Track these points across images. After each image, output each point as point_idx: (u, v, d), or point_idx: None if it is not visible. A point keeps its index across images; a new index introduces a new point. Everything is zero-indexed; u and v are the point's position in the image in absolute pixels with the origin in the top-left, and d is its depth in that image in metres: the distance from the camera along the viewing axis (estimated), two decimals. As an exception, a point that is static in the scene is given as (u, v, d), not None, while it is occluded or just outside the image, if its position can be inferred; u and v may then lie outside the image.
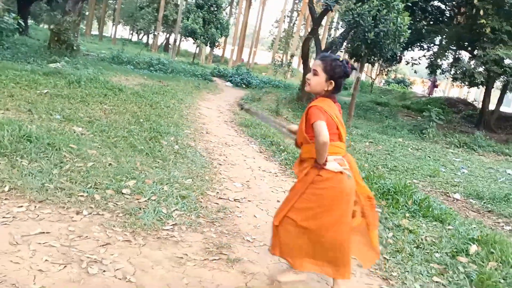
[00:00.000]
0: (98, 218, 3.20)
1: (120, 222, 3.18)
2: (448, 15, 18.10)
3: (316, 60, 2.64)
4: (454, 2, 17.41)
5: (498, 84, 18.84)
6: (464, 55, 19.10)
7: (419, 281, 3.15)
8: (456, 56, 18.78)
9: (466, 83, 17.56)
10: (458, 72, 16.77)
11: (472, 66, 15.80)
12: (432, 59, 17.98)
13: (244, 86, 18.20)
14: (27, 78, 7.95)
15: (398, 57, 18.88)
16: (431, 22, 17.85)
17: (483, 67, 14.76)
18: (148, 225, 3.20)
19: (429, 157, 9.90)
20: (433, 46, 18.81)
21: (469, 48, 17.27)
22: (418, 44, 18.43)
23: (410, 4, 11.37)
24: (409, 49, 18.74)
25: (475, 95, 38.97)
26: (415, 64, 19.16)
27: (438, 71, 18.72)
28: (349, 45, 12.30)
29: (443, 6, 18.15)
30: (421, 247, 3.73)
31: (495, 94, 20.38)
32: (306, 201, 2.59)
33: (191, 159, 5.23)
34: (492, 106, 18.84)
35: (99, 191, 3.61)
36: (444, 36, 17.23)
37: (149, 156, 4.93)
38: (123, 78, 11.29)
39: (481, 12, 13.87)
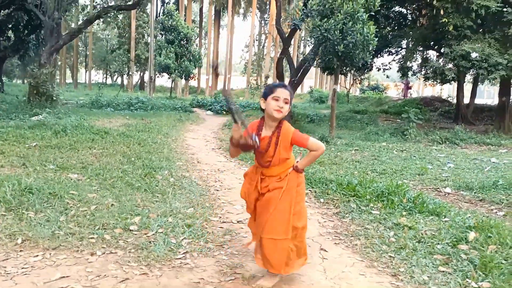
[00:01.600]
0: (112, 256, 3.30)
1: (134, 257, 3.29)
2: (410, 18, 18.79)
3: (285, 90, 2.90)
4: (414, 6, 18.12)
5: (469, 77, 19.50)
6: (432, 54, 19.80)
7: (426, 273, 3.30)
8: (425, 56, 19.44)
9: (438, 80, 18.14)
10: (429, 72, 17.34)
11: (442, 64, 16.38)
12: (402, 62, 18.55)
13: (224, 113, 18.44)
14: (14, 133, 8.05)
15: (369, 65, 19.45)
16: (396, 28, 18.51)
17: (452, 63, 15.32)
18: (161, 256, 3.31)
19: (415, 156, 10.17)
20: (401, 50, 19.45)
21: (436, 47, 17.93)
22: (386, 50, 19.04)
23: (373, 14, 11.82)
24: (379, 56, 19.34)
25: (448, 91, 39.99)
26: (386, 69, 19.72)
27: (409, 73, 19.29)
28: (321, 59, 12.68)
29: (404, 11, 18.87)
30: (423, 241, 3.90)
31: (467, 88, 21.09)
32: (297, 203, 2.99)
33: (189, 189, 5.36)
34: (466, 100, 19.46)
35: (107, 231, 3.72)
36: (410, 39, 17.86)
37: (148, 192, 5.05)
38: (106, 121, 11.42)
39: (442, 12, 14.50)
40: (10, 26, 19.29)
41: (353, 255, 3.65)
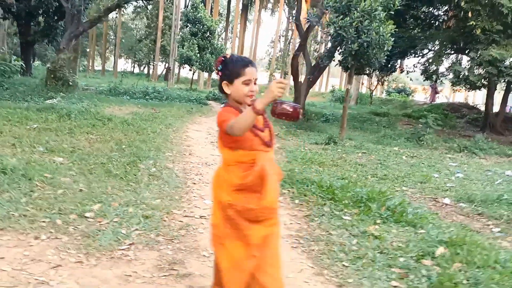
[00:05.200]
0: (56, 242, 3.27)
1: (76, 245, 3.24)
2: (438, 20, 18.14)
3: (254, 68, 2.24)
4: (444, 6, 17.44)
5: (503, 85, 18.61)
6: (463, 59, 19.00)
7: (375, 287, 3.12)
8: (454, 60, 18.69)
9: (467, 86, 17.40)
10: (454, 77, 16.70)
11: (466, 69, 15.72)
12: (426, 66, 17.94)
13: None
14: (20, 115, 8.19)
15: (394, 67, 18.91)
16: (425, 29, 17.86)
17: (481, 69, 14.65)
18: (104, 246, 3.26)
19: (423, 163, 9.80)
20: (428, 53, 18.78)
21: (466, 51, 17.20)
22: (413, 51, 18.42)
23: (392, 13, 11.43)
24: (404, 57, 18.74)
25: (482, 98, 38.54)
26: (410, 72, 19.11)
27: (434, 77, 18.64)
28: (341, 57, 12.37)
29: (435, 12, 18.20)
30: (385, 252, 3.69)
31: (501, 95, 20.10)
32: None
33: (165, 180, 5.30)
34: (497, 108, 18.60)
35: (62, 216, 3.69)
36: (437, 42, 17.23)
37: (123, 180, 5.01)
38: (116, 108, 11.52)
39: (470, 14, 13.87)
40: (40, 12, 19.86)
41: (306, 261, 3.49)
